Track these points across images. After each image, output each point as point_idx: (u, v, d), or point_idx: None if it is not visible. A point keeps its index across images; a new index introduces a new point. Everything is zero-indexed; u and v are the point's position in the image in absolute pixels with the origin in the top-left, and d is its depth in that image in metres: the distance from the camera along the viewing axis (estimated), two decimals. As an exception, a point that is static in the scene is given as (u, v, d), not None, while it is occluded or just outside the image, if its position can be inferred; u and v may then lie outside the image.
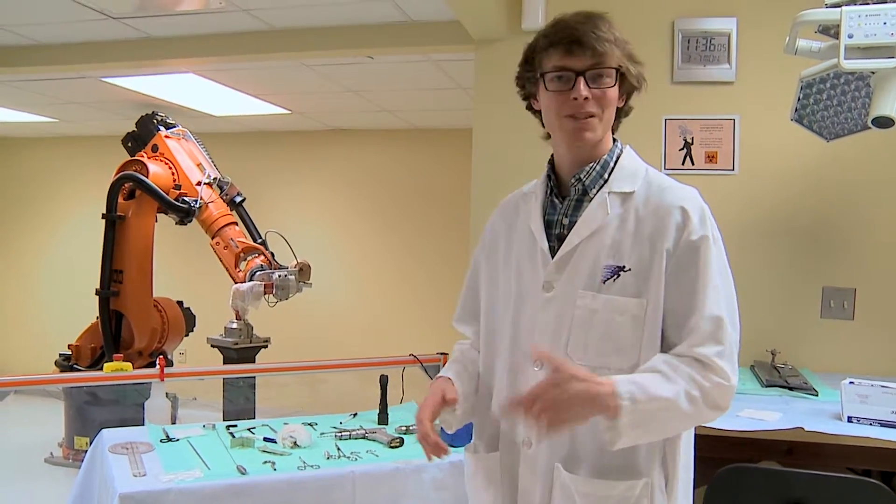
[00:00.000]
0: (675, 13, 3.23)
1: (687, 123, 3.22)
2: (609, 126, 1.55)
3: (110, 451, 2.48)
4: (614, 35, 1.50)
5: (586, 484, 1.47)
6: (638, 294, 1.47)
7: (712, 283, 1.44)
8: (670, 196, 1.50)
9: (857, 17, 2.13)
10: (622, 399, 1.33)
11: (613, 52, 1.48)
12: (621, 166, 1.57)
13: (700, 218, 1.48)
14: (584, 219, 1.53)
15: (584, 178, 1.55)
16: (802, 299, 3.15)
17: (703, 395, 1.39)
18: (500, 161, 3.44)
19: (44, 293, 7.82)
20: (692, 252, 1.45)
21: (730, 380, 1.42)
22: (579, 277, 1.51)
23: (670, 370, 1.40)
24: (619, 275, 1.48)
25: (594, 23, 1.50)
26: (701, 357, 1.41)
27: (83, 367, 4.97)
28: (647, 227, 1.48)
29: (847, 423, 2.23)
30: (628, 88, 1.55)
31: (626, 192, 1.53)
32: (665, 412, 1.38)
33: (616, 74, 1.50)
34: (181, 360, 6.20)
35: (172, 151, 4.97)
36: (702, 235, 1.46)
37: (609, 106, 1.51)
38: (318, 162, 7.20)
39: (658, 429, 1.43)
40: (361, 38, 4.07)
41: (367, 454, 2.55)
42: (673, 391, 1.37)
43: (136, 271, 4.91)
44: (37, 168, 7.98)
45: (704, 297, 1.43)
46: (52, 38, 4.48)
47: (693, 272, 1.45)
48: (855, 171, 3.10)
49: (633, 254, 1.48)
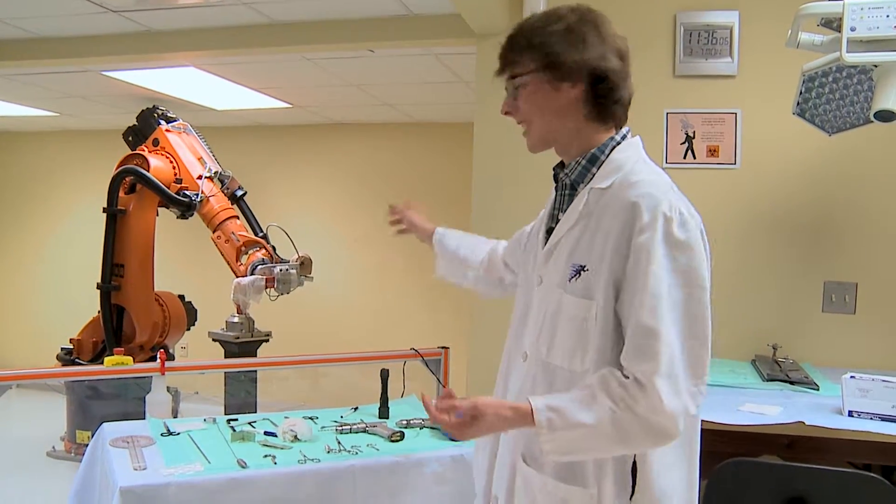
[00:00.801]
0: (677, 6, 3.22)
1: (689, 117, 3.21)
2: (554, 127, 1.52)
3: (111, 444, 2.48)
4: (529, 38, 1.49)
5: (542, 481, 1.47)
6: (588, 295, 1.41)
7: (652, 290, 1.32)
8: (630, 192, 1.41)
9: (859, 10, 2.12)
10: (540, 427, 1.34)
11: (521, 58, 1.49)
12: (610, 160, 1.50)
13: (651, 217, 1.35)
14: (566, 215, 1.53)
15: (569, 173, 1.55)
16: (804, 293, 3.15)
17: (634, 420, 1.30)
18: (502, 155, 3.44)
19: (45, 287, 7.82)
20: (636, 254, 1.36)
21: (664, 404, 1.28)
22: (556, 274, 1.50)
23: (600, 388, 1.33)
24: (580, 274, 1.44)
25: (510, 34, 1.52)
26: (636, 374, 1.32)
27: (85, 360, 4.98)
28: (604, 225, 1.42)
29: (848, 417, 2.23)
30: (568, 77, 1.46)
31: (602, 188, 1.47)
32: (587, 438, 1.34)
33: (526, 78, 1.50)
34: (182, 354, 6.20)
35: (173, 145, 4.96)
36: (647, 237, 1.34)
37: (531, 112, 1.52)
38: (319, 156, 7.20)
39: (590, 453, 1.39)
40: (363, 32, 4.07)
41: (367, 448, 2.55)
42: (595, 416, 1.31)
43: (137, 265, 4.92)
44: (37, 162, 7.98)
45: (641, 306, 1.33)
46: (53, 32, 4.47)
47: (635, 276, 1.35)
48: (857, 165, 3.09)
49: (594, 253, 1.42)
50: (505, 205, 3.41)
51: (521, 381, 1.54)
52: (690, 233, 1.37)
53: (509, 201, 3.39)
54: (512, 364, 1.60)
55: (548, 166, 1.65)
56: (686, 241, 1.36)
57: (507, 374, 1.61)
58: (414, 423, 2.80)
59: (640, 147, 1.55)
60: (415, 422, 2.81)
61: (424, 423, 2.80)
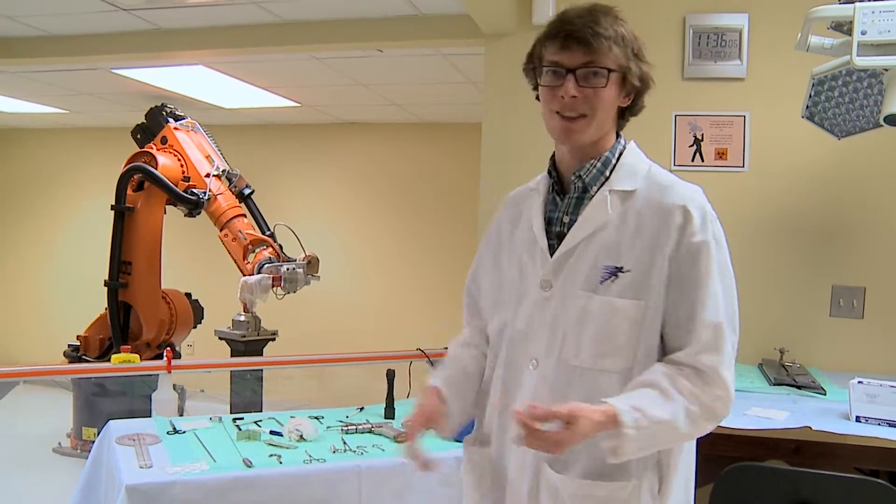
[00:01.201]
0: (687, 8, 3.21)
1: (697, 119, 3.20)
2: (604, 126, 1.50)
3: (117, 442, 2.49)
4: (616, 31, 1.44)
5: (573, 484, 1.44)
6: (636, 296, 1.43)
7: (712, 288, 1.41)
8: (672, 195, 1.45)
9: (870, 14, 2.11)
10: (627, 428, 1.32)
11: (610, 51, 1.43)
12: (623, 164, 1.52)
13: (702, 219, 1.43)
14: (583, 218, 1.50)
15: (584, 175, 1.52)
16: (811, 297, 3.14)
17: (701, 411, 1.39)
18: (510, 155, 3.43)
19: (53, 284, 7.85)
20: (693, 256, 1.41)
21: (729, 391, 1.41)
22: (577, 277, 1.48)
23: (670, 385, 1.37)
24: (616, 276, 1.44)
25: (595, 18, 1.44)
26: (701, 367, 1.39)
27: (92, 357, 4.99)
28: (647, 228, 1.44)
29: (855, 422, 2.22)
30: (630, 89, 1.49)
31: (626, 191, 1.49)
32: (664, 434, 1.38)
33: (610, 74, 1.44)
34: (189, 352, 6.22)
35: (181, 143, 4.97)
36: (702, 239, 1.42)
37: (601, 106, 1.46)
38: (327, 155, 7.20)
39: (657, 446, 1.42)
40: (371, 32, 4.07)
41: (373, 448, 2.55)
42: (671, 412, 1.36)
43: (144, 263, 4.93)
44: (46, 159, 8.01)
45: (705, 304, 1.40)
46: (63, 30, 4.48)
47: (694, 277, 1.41)
48: (866, 169, 3.08)
49: (633, 254, 1.44)
50: (512, 206, 3.40)
51: (533, 388, 1.50)
52: (723, 232, 1.47)
53: (517, 202, 3.38)
54: (516, 372, 1.55)
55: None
56: (724, 240, 1.46)
57: (510, 383, 1.56)
58: (419, 423, 2.80)
59: (640, 150, 1.59)
60: (420, 422, 2.80)
61: (430, 423, 2.79)
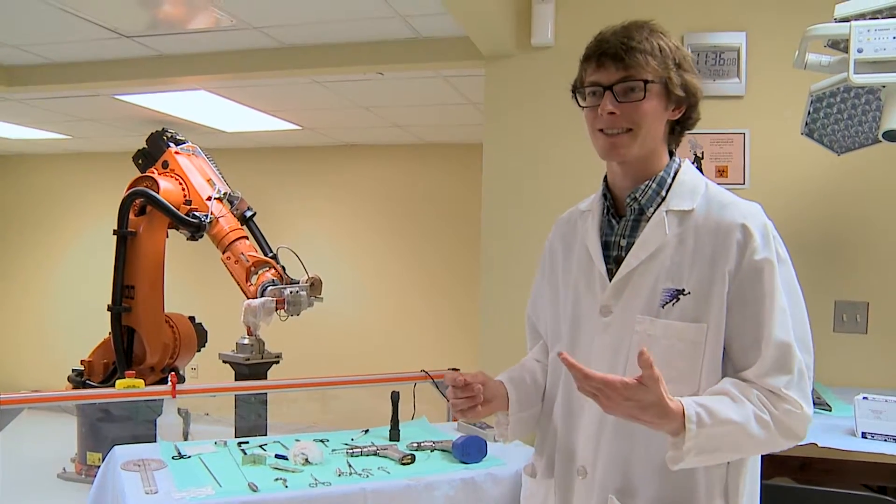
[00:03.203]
0: (685, 27, 3.24)
1: (697, 138, 3.22)
2: (651, 141, 1.47)
3: (122, 468, 2.48)
4: (653, 44, 1.43)
5: None
6: (697, 319, 1.39)
7: (778, 306, 1.37)
8: (731, 213, 1.41)
9: (866, 32, 2.13)
10: (689, 422, 1.27)
11: (646, 64, 1.41)
12: (679, 182, 1.49)
13: (763, 236, 1.39)
14: (641, 240, 1.46)
15: (639, 196, 1.49)
16: (815, 313, 3.07)
17: (773, 421, 1.34)
18: (511, 175, 3.45)
19: (56, 309, 7.86)
20: (756, 274, 1.37)
21: (802, 408, 1.35)
22: (637, 301, 1.44)
23: (739, 392, 1.34)
24: (678, 298, 1.41)
25: (628, 33, 1.43)
26: (769, 387, 1.35)
27: (96, 382, 4.99)
28: (706, 248, 1.41)
29: (861, 438, 2.22)
30: (676, 100, 1.47)
31: (684, 211, 1.45)
32: (733, 436, 1.32)
33: (646, 86, 1.42)
34: (193, 375, 6.22)
35: (182, 167, 4.99)
36: (765, 256, 1.38)
37: (644, 120, 1.43)
38: (329, 177, 7.23)
39: (725, 453, 1.37)
40: (372, 55, 4.10)
41: (378, 471, 2.54)
42: (742, 414, 1.32)
43: (147, 287, 4.93)
44: (49, 184, 8.05)
45: (771, 323, 1.36)
46: (66, 57, 4.53)
47: (758, 295, 1.37)
48: (866, 184, 3.09)
49: (693, 276, 1.40)
50: (514, 226, 3.42)
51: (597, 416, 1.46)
52: (786, 250, 1.44)
53: (518, 222, 3.40)
54: (576, 402, 1.51)
55: (556, 189, 1.66)
56: (788, 258, 1.43)
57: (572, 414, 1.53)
58: (425, 445, 2.79)
59: (696, 168, 1.56)
60: (426, 444, 2.80)
61: (435, 445, 2.79)
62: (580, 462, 1.50)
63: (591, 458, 1.47)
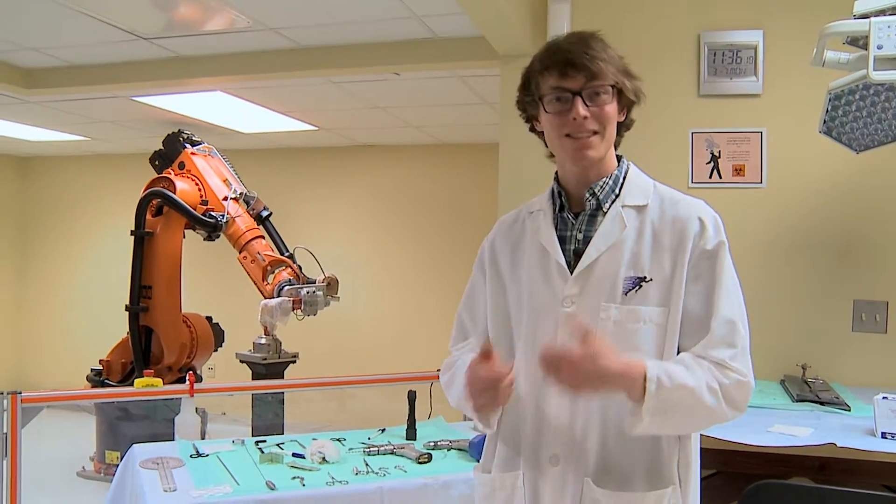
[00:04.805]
0: (701, 26, 3.22)
1: (714, 137, 3.20)
2: (611, 142, 1.59)
3: (141, 466, 2.50)
4: (607, 53, 1.54)
5: (617, 498, 1.48)
6: (661, 303, 1.51)
7: (726, 287, 1.50)
8: (685, 208, 1.56)
9: (886, 28, 2.11)
10: (650, 382, 1.37)
11: (608, 70, 1.52)
12: (630, 181, 1.62)
13: (714, 226, 1.54)
14: (601, 232, 1.56)
15: (598, 192, 1.59)
16: (833, 313, 3.12)
17: (722, 390, 1.43)
18: (526, 174, 3.43)
19: (75, 309, 7.92)
20: (709, 259, 1.51)
21: (746, 376, 1.46)
22: (601, 290, 1.53)
23: (693, 362, 1.45)
24: (640, 286, 1.52)
25: (587, 43, 1.53)
26: (716, 359, 1.45)
27: (114, 381, 5.03)
28: (665, 239, 1.54)
29: (881, 439, 2.20)
30: (626, 103, 1.59)
31: (639, 206, 1.58)
32: (687, 401, 1.42)
33: (612, 91, 1.53)
34: (210, 374, 6.25)
35: (199, 168, 5.03)
36: (718, 242, 1.52)
37: (609, 122, 1.55)
38: (345, 177, 7.25)
39: (679, 419, 1.46)
40: (387, 55, 4.11)
41: (395, 470, 2.55)
42: (695, 381, 1.42)
43: (164, 287, 4.97)
44: (68, 186, 8.13)
45: (720, 302, 1.49)
46: (84, 60, 4.57)
47: (710, 278, 1.50)
48: (885, 182, 3.07)
49: (654, 265, 1.52)
50: (530, 225, 3.40)
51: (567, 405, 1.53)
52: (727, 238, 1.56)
53: (534, 222, 3.38)
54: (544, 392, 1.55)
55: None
56: (727, 245, 1.55)
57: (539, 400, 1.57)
58: (441, 444, 2.80)
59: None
60: (442, 443, 2.81)
61: (452, 444, 2.80)
62: (552, 450, 1.54)
63: (564, 446, 1.53)
